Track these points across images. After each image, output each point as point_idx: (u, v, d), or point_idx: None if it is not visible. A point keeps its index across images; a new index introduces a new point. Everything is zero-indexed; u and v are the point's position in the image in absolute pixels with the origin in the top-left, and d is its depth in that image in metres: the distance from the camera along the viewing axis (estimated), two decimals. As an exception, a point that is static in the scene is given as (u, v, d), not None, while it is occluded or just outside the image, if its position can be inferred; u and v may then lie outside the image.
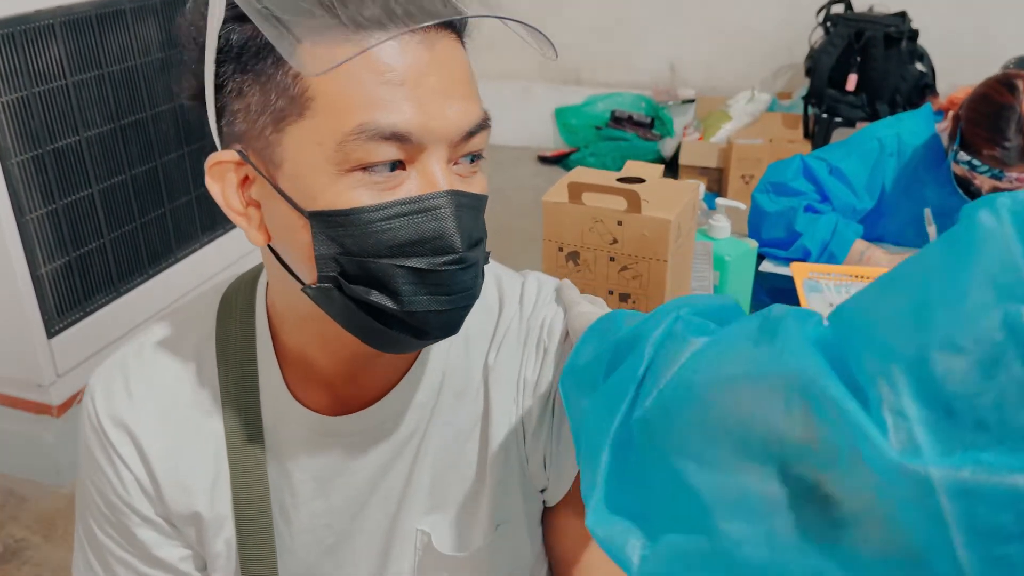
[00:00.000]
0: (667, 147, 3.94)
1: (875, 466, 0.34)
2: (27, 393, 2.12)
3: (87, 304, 2.17)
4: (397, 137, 0.54)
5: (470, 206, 0.57)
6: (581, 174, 1.13)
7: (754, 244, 1.23)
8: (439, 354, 0.71)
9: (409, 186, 0.55)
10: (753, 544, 0.39)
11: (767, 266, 1.62)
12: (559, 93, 4.25)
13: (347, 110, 0.54)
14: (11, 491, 2.11)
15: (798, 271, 1.48)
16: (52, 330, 2.06)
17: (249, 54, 0.56)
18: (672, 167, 3.92)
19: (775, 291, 1.50)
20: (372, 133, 0.53)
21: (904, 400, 0.35)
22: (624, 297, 1.10)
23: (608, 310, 0.73)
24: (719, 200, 1.24)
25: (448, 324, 0.59)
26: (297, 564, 0.73)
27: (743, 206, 1.26)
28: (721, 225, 1.22)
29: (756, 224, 1.65)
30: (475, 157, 0.59)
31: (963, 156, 1.50)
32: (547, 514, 0.77)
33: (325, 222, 0.55)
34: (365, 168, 0.54)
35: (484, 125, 0.59)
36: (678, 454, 0.44)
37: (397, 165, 0.55)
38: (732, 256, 1.20)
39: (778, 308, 0.44)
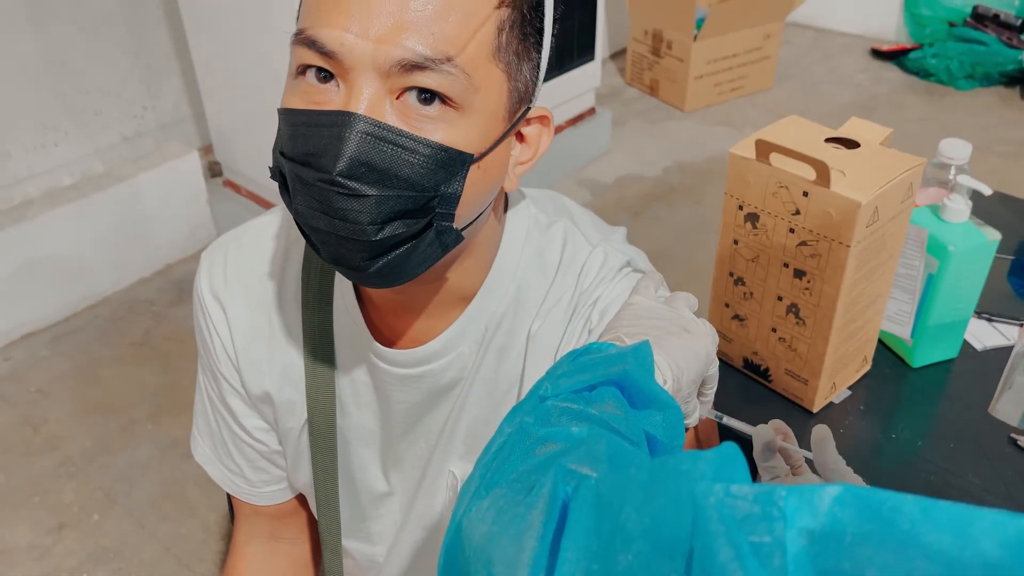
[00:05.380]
0: (1033, 59, 3.30)
1: None
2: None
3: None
4: (318, 49, 0.54)
5: (378, 137, 0.54)
6: (782, 128, 1.00)
7: (996, 236, 1.02)
8: (486, 309, 0.71)
9: (335, 102, 0.56)
10: None
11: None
12: (915, -23, 3.69)
13: (303, 15, 0.57)
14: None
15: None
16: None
17: None
18: (1033, 84, 3.31)
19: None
20: (302, 39, 0.55)
21: None
22: (799, 274, 0.99)
23: (683, 315, 0.65)
24: (961, 177, 1.04)
25: (345, 257, 0.57)
26: (347, 453, 0.80)
27: (989, 190, 1.03)
28: (958, 207, 1.03)
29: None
30: (431, 97, 0.55)
31: None
32: None
33: (279, 119, 0.59)
34: (303, 73, 0.57)
35: (427, 65, 0.53)
36: None
37: (330, 77, 0.56)
38: (958, 247, 1.01)
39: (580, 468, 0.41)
